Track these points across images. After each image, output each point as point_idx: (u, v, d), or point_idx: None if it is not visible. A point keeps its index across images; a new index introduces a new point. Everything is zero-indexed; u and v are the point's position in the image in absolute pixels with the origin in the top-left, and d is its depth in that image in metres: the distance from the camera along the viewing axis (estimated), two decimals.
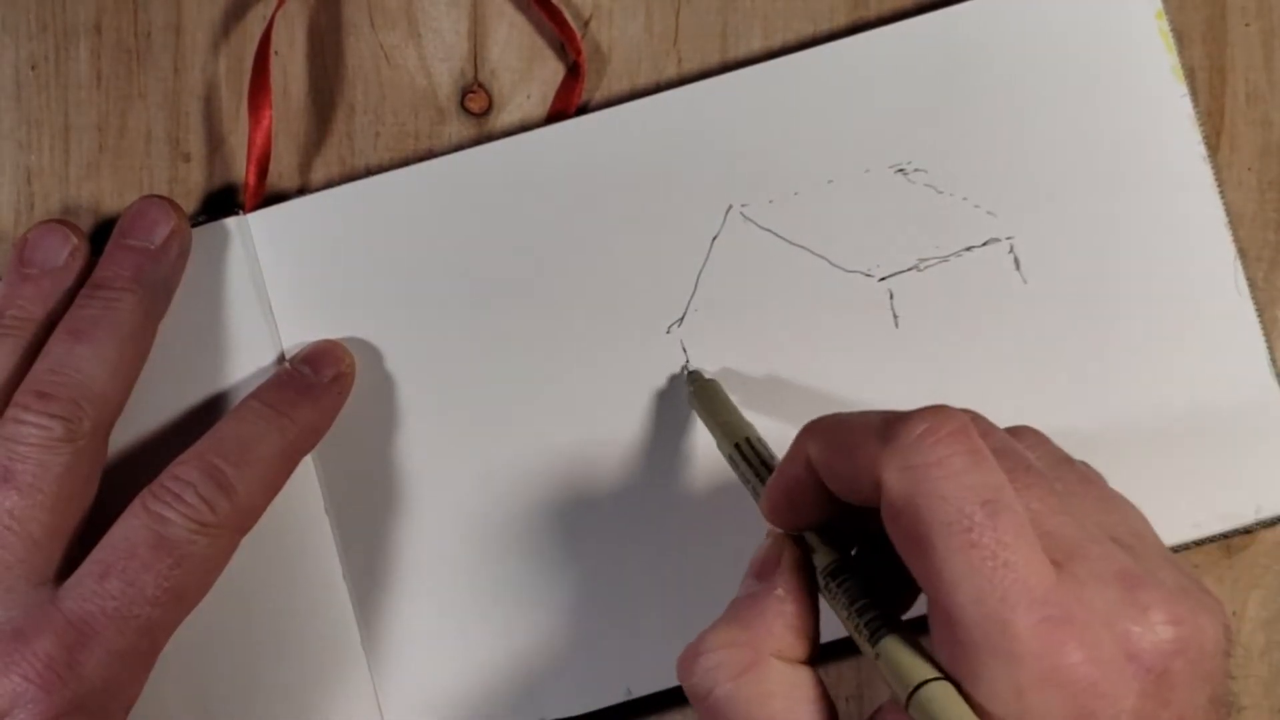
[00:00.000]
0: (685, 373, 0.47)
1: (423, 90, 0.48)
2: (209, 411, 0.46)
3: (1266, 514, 0.47)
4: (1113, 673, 0.32)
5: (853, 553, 0.38)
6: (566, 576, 0.47)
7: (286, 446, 0.44)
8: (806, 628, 0.37)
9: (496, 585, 0.47)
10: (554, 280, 0.47)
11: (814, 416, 0.46)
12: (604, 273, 0.47)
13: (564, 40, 0.48)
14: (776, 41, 0.48)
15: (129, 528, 0.41)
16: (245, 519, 0.43)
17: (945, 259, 0.47)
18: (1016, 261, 0.47)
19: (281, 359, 0.47)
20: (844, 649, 0.47)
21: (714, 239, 0.47)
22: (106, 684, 0.41)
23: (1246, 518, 0.46)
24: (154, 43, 0.48)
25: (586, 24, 0.48)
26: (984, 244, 0.47)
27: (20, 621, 0.40)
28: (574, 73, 0.48)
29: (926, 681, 0.33)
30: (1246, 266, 0.47)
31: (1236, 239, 0.47)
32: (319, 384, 0.45)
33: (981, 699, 0.32)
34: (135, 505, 0.42)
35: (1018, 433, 0.37)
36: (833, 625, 0.47)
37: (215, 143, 0.48)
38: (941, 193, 0.47)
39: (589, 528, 0.47)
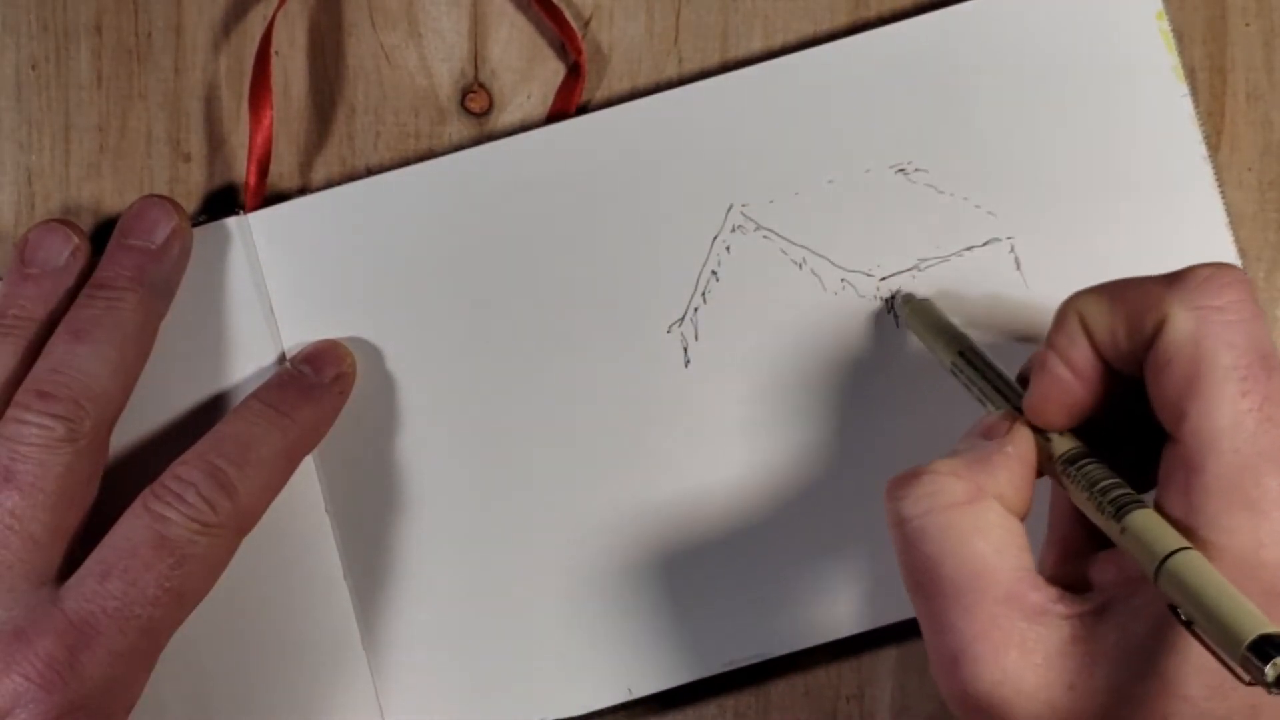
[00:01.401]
0: (899, 296, 0.47)
1: (423, 90, 0.48)
2: (210, 411, 0.46)
3: None
4: None
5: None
6: (567, 576, 0.47)
7: (288, 447, 0.44)
8: (1026, 487, 0.37)
9: (496, 585, 0.47)
10: (554, 280, 0.47)
11: (814, 414, 0.47)
12: (604, 272, 0.47)
13: (564, 40, 0.48)
14: (776, 41, 0.48)
15: (130, 528, 0.41)
16: (246, 519, 0.43)
17: (945, 259, 0.47)
18: (1017, 261, 0.47)
19: (282, 359, 0.47)
20: (845, 650, 0.47)
21: (714, 238, 0.47)
22: (107, 684, 0.41)
23: None
24: (154, 43, 0.48)
25: (586, 24, 0.48)
26: (984, 244, 0.47)
27: (21, 621, 0.40)
28: (574, 73, 0.48)
29: (1176, 551, 0.33)
30: (1247, 266, 0.47)
31: (1236, 239, 0.47)
32: (320, 384, 0.45)
33: (1219, 543, 0.33)
34: (136, 505, 0.42)
35: None
36: (828, 630, 0.47)
37: (216, 143, 0.48)
38: (941, 193, 0.47)
39: (589, 527, 0.47)
